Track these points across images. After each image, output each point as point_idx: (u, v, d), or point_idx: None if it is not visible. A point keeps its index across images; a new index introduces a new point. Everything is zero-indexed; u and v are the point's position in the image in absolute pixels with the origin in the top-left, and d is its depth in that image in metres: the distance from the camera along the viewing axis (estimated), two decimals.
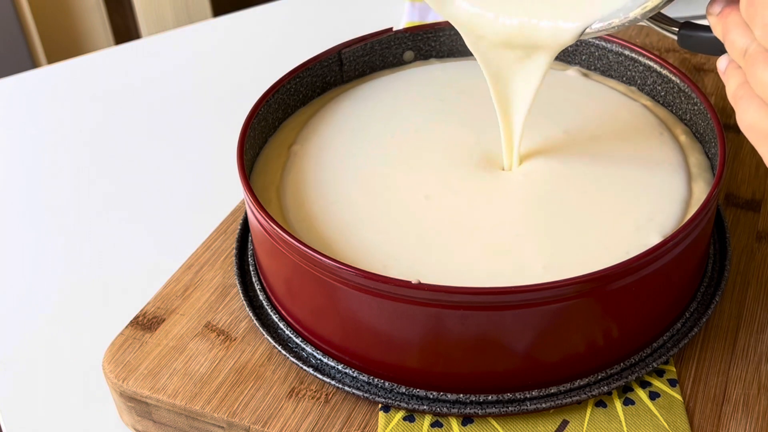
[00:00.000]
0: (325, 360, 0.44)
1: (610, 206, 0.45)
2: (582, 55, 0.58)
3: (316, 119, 0.54)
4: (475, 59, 0.60)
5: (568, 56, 0.58)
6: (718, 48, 0.37)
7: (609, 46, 0.56)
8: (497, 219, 0.45)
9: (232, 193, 0.60)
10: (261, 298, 0.47)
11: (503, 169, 0.49)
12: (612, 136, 0.51)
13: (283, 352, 0.44)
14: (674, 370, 0.43)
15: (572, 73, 0.57)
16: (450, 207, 0.46)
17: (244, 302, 0.47)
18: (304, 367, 0.43)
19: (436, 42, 0.59)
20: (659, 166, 0.48)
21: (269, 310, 0.47)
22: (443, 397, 0.41)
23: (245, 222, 0.53)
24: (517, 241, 0.43)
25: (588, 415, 0.41)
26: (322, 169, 0.49)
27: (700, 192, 0.46)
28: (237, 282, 0.49)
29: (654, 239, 0.42)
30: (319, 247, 0.42)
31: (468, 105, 0.54)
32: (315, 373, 0.43)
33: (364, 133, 0.52)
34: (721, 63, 0.36)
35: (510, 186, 0.47)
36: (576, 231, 0.44)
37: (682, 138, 0.51)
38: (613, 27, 0.41)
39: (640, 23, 0.40)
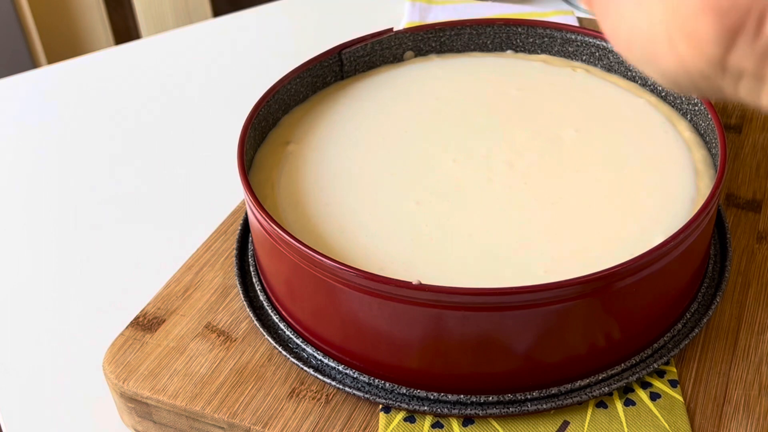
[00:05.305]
0: (326, 361, 0.44)
1: (616, 209, 0.45)
2: (583, 55, 0.58)
3: (312, 116, 0.54)
4: (474, 56, 0.60)
5: (569, 56, 0.58)
6: None
7: (609, 46, 0.56)
8: (497, 221, 0.45)
9: (233, 193, 0.60)
10: (261, 298, 0.47)
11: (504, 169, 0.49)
12: (617, 133, 0.51)
13: (284, 352, 0.44)
14: (675, 370, 0.43)
15: (574, 70, 0.57)
16: (449, 208, 0.46)
17: (245, 303, 0.47)
18: (305, 368, 0.43)
19: (436, 42, 0.59)
20: (665, 164, 0.48)
21: (270, 311, 0.47)
22: (444, 397, 0.41)
23: (245, 222, 0.53)
24: (517, 245, 0.43)
25: (589, 415, 0.41)
26: (318, 169, 0.49)
27: (706, 189, 0.46)
28: (237, 282, 0.49)
29: (660, 242, 0.42)
30: (315, 248, 0.42)
31: (467, 104, 0.54)
32: (315, 374, 0.43)
33: (360, 133, 0.52)
34: None
35: (511, 186, 0.47)
36: (579, 235, 0.44)
37: (686, 134, 0.50)
38: None
39: None
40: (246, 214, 0.53)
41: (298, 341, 0.45)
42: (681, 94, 0.41)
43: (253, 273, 0.49)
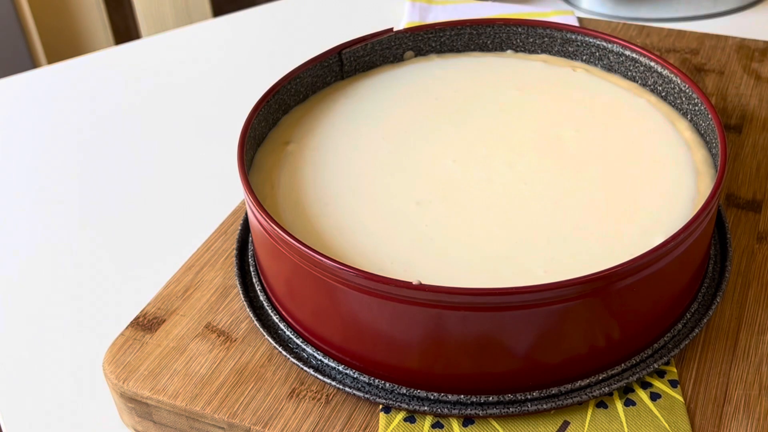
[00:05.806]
0: (326, 361, 0.44)
1: (616, 209, 0.45)
2: (583, 55, 0.58)
3: (312, 116, 0.54)
4: (474, 56, 0.60)
5: (569, 56, 0.58)
6: None
7: (610, 46, 0.56)
8: (497, 221, 0.45)
9: (232, 193, 0.60)
10: (261, 298, 0.47)
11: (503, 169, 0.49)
12: (617, 134, 0.51)
13: (284, 352, 0.44)
14: (675, 370, 0.43)
15: (574, 70, 0.57)
16: (448, 208, 0.46)
17: (245, 303, 0.47)
18: (305, 368, 0.43)
19: (436, 42, 0.59)
20: (666, 164, 0.48)
21: (270, 311, 0.47)
22: (444, 398, 0.41)
23: (246, 222, 0.53)
24: (517, 245, 0.43)
25: (589, 415, 0.41)
26: (318, 169, 0.49)
27: (707, 189, 0.46)
28: (237, 283, 0.49)
29: (660, 242, 0.42)
30: (315, 248, 0.42)
31: (468, 104, 0.54)
32: (315, 374, 0.43)
33: (360, 133, 0.52)
34: None
35: (511, 186, 0.47)
36: (579, 235, 0.44)
37: (687, 134, 0.51)
38: None
39: None
40: (246, 214, 0.53)
41: (298, 341, 0.45)
42: None
43: (253, 273, 0.49)
